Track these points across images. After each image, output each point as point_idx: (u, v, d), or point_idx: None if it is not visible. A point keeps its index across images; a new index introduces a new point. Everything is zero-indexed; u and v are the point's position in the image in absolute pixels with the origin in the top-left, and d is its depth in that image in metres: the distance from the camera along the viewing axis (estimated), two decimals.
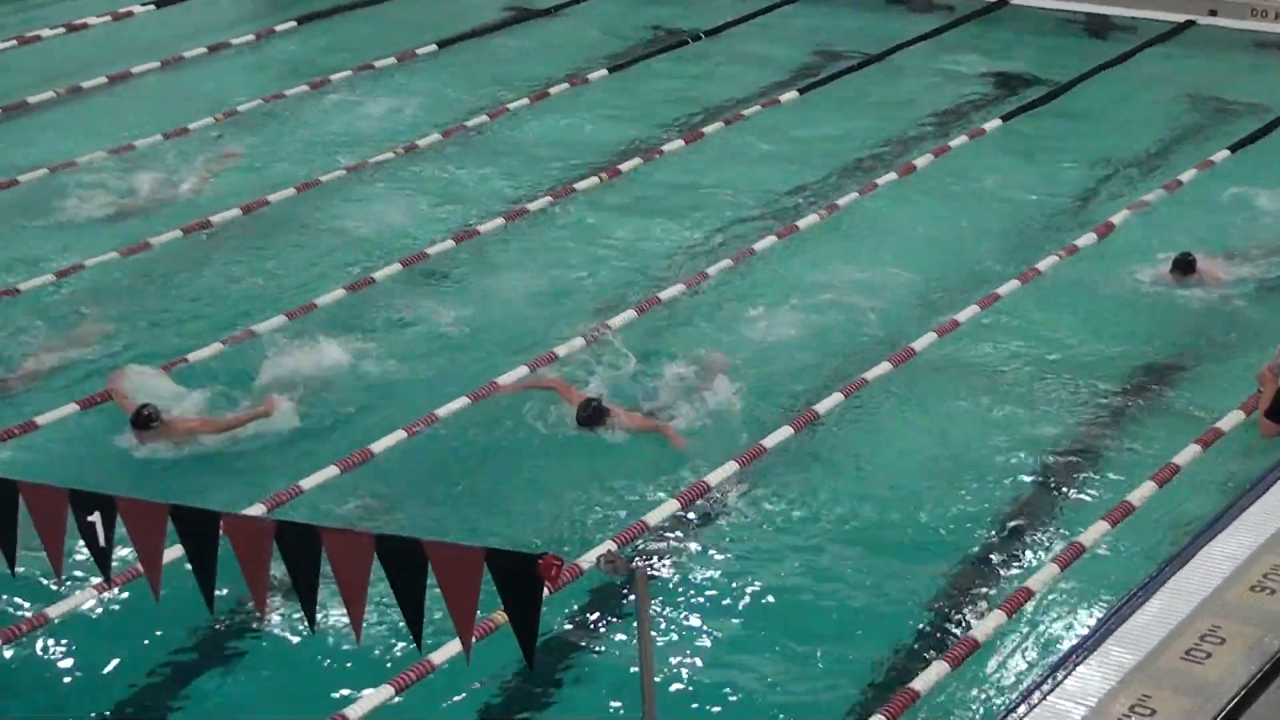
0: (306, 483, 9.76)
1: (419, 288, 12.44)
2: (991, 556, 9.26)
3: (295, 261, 12.99)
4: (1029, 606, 8.63)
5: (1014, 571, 9.07)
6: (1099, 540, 9.13)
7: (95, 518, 6.29)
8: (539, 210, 13.67)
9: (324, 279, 12.59)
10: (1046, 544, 9.31)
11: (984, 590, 8.93)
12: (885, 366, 10.93)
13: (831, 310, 11.87)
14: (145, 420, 10.19)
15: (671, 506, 9.51)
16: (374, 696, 7.87)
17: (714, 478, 9.82)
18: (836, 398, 10.63)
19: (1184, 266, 11.95)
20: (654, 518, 9.37)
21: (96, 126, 15.47)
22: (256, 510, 9.23)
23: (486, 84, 16.38)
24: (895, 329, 11.60)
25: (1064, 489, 9.86)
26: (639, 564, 5.68)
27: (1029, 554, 9.25)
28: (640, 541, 9.17)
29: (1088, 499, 9.74)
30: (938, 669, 8.09)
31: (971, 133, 14.93)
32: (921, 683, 7.98)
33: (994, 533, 9.44)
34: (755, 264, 12.64)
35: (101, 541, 6.27)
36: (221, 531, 6.08)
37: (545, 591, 5.50)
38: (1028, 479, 9.94)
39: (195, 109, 15.55)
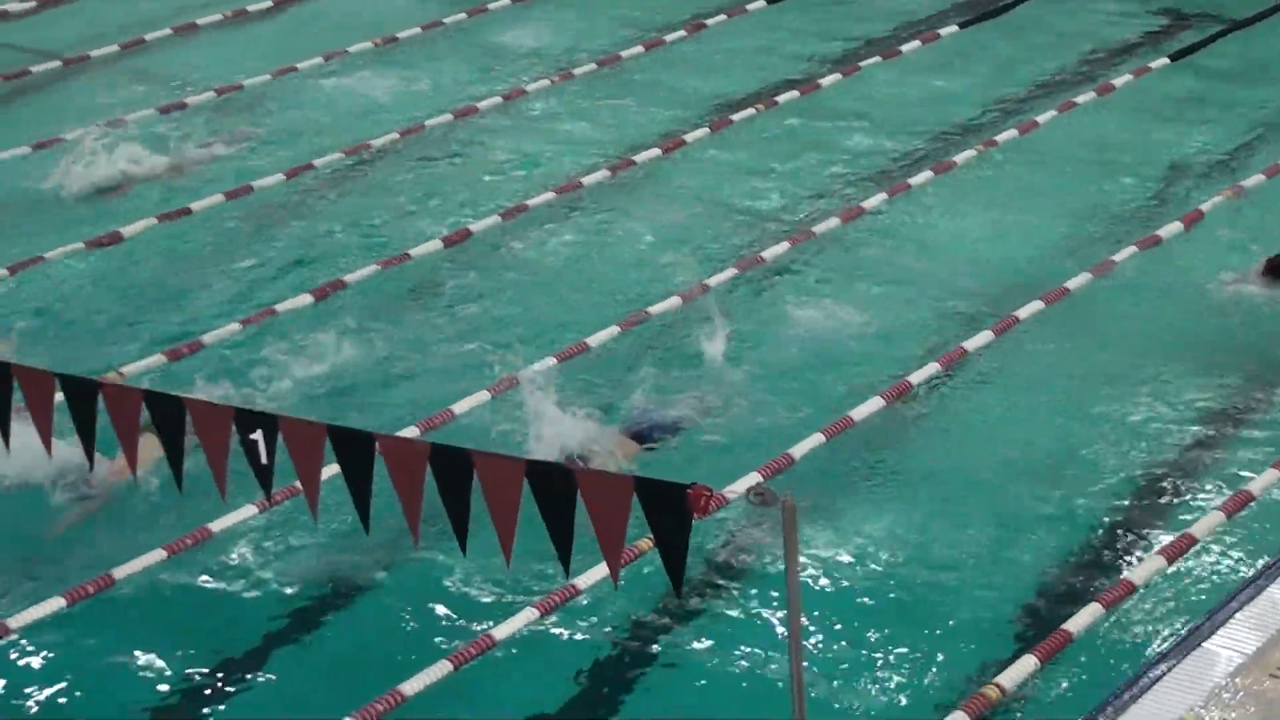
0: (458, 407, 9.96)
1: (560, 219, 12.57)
2: (1141, 504, 9.18)
3: (454, 184, 13.14)
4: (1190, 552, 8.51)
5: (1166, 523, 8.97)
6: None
7: (257, 435, 6.46)
8: (695, 141, 13.72)
9: (476, 205, 12.77)
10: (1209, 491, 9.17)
11: (1140, 536, 8.86)
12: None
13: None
14: None
15: (817, 439, 9.53)
16: (520, 619, 8.01)
17: (859, 412, 9.82)
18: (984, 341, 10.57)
19: None
20: (799, 451, 9.40)
21: (259, 50, 15.77)
22: (410, 433, 9.41)
23: (640, 14, 16.42)
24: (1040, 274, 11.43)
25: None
26: (789, 497, 5.67)
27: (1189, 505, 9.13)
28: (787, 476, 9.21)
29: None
30: (1092, 610, 8.02)
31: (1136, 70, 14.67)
32: (1075, 625, 7.93)
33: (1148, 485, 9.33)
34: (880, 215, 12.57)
35: (263, 459, 6.44)
36: (377, 452, 6.21)
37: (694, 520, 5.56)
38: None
39: (355, 35, 15.74)
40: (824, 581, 8.58)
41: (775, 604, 8.31)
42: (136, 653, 8.14)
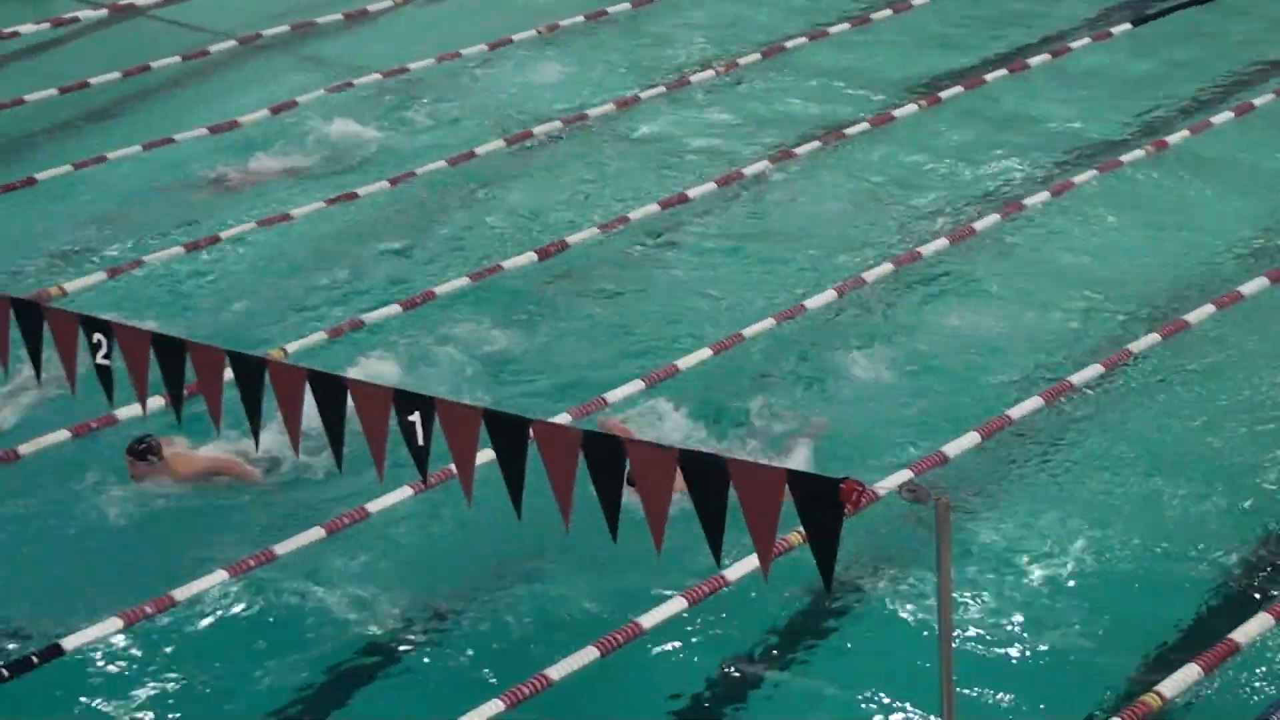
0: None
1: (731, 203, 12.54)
2: None
3: (613, 172, 13.22)
4: None
5: None
6: None
7: (415, 418, 6.53)
8: (855, 135, 13.62)
9: (635, 194, 12.81)
10: None
11: None
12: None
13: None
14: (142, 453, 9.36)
15: (972, 438, 9.42)
16: (668, 608, 8.02)
17: (1016, 411, 9.68)
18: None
19: None
20: (953, 449, 9.30)
21: (425, 35, 15.96)
22: (563, 419, 9.47)
23: (805, 4, 16.34)
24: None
25: None
26: (943, 494, 5.60)
27: None
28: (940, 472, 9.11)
29: None
30: (1261, 621, 7.83)
31: None
32: (1242, 635, 7.74)
33: None
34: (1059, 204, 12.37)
35: (420, 441, 6.51)
36: (531, 437, 6.26)
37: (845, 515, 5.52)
38: None
39: (520, 22, 15.86)
40: (976, 580, 8.48)
41: (925, 602, 8.23)
42: (306, 618, 8.39)
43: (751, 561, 7.80)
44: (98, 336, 7.28)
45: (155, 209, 12.90)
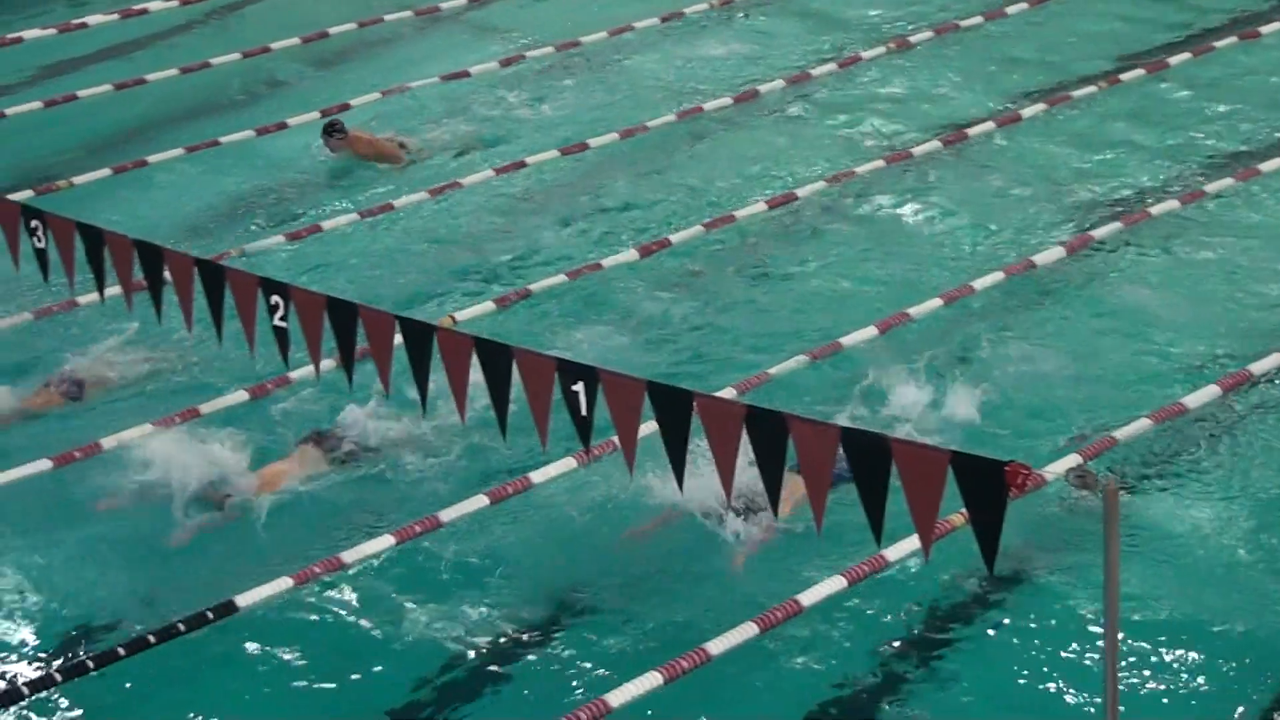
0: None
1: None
2: None
3: (782, 148, 13.23)
4: None
5: None
6: None
7: (579, 388, 6.58)
8: (1031, 116, 13.42)
9: (803, 170, 12.76)
10: None
11: None
12: None
13: None
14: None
15: (1144, 425, 9.24)
16: (826, 586, 8.00)
17: (1192, 400, 9.48)
18: None
19: None
20: (1125, 433, 9.13)
21: (598, 9, 16.03)
22: (727, 393, 9.47)
23: None
24: None
25: None
26: (1112, 480, 5.49)
27: None
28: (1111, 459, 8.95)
29: None
30: None
31: None
32: None
33: None
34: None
35: (583, 411, 6.56)
36: (694, 410, 6.27)
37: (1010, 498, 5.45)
38: None
39: None
40: (1144, 569, 8.32)
41: (1091, 590, 8.10)
42: (479, 578, 8.50)
43: (912, 542, 7.73)
44: (275, 298, 7.46)
45: (330, 175, 13.14)
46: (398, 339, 7.14)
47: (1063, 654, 7.85)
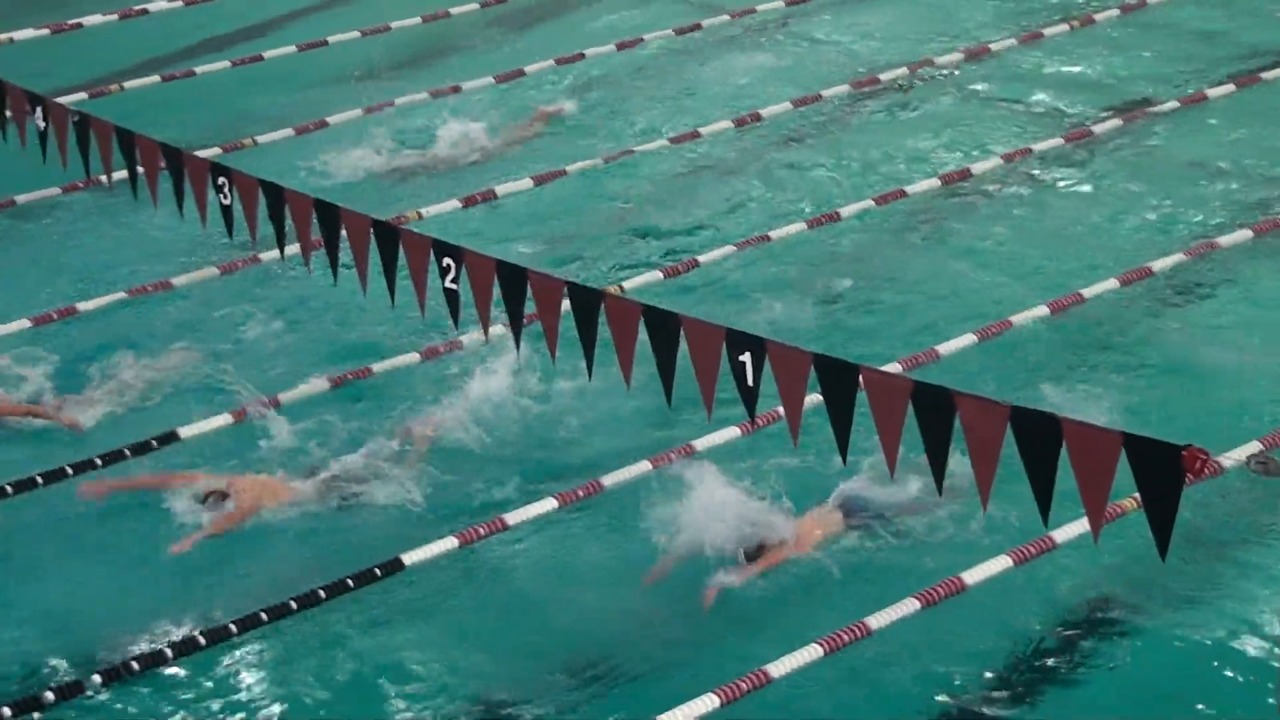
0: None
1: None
2: None
3: (956, 121, 13.01)
4: None
5: None
6: None
7: (745, 358, 6.57)
8: (1216, 97, 13.08)
9: (978, 146, 12.55)
10: None
11: None
12: None
13: None
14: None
15: None
16: (993, 565, 7.90)
17: None
18: None
19: None
20: None
21: None
22: (893, 369, 9.39)
23: None
24: None
25: None
26: None
27: None
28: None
29: None
30: None
31: None
32: None
33: None
34: None
35: (749, 381, 6.55)
36: (860, 384, 6.23)
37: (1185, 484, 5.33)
38: None
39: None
40: None
41: (1267, 582, 7.88)
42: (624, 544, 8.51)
43: (1083, 524, 7.59)
44: (447, 261, 7.55)
45: (506, 140, 13.24)
46: (565, 304, 7.19)
47: (1232, 646, 7.66)
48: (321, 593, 7.91)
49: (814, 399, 6.30)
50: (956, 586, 7.78)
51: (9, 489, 8.68)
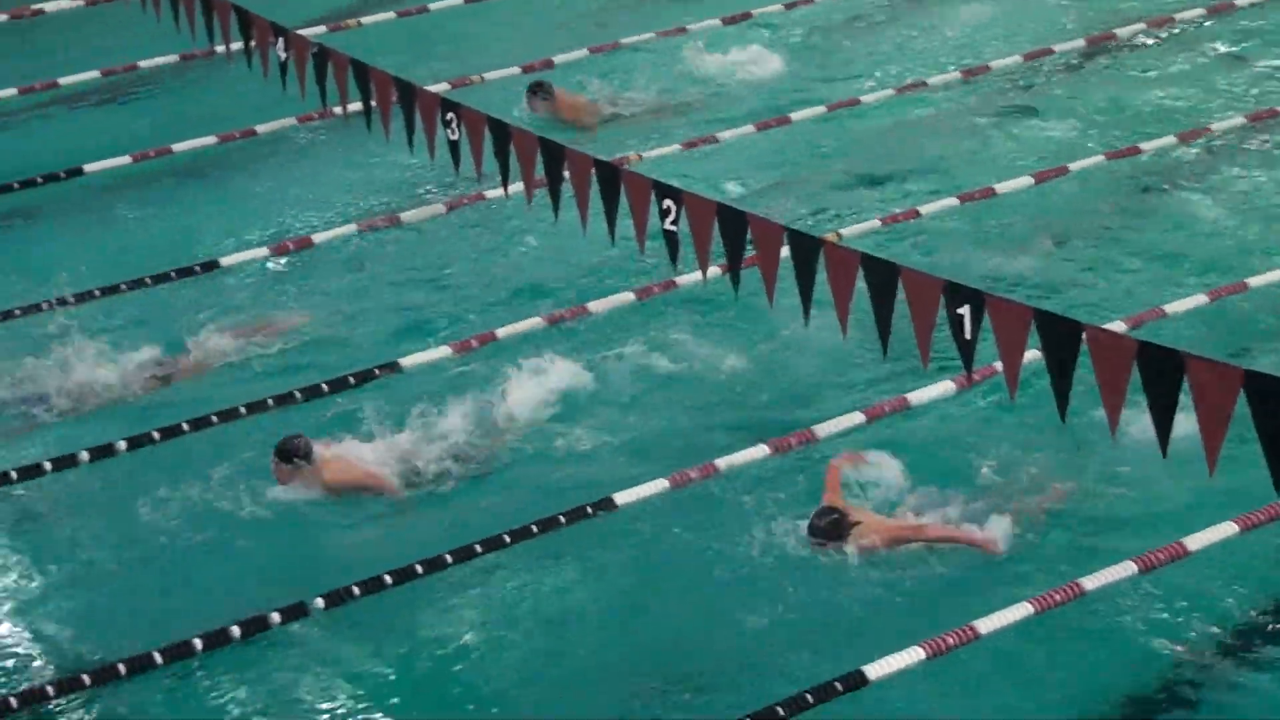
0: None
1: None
2: None
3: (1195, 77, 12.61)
4: None
5: None
6: None
7: (964, 310, 6.49)
8: None
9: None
10: None
11: None
12: None
13: None
14: None
15: None
16: (1219, 531, 7.67)
17: None
18: None
19: None
20: None
21: None
22: (1117, 328, 9.16)
23: None
24: None
25: None
26: None
27: None
28: None
29: None
30: None
31: None
32: None
33: None
34: None
35: (967, 334, 6.47)
36: (1084, 342, 6.11)
37: None
38: None
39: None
40: None
41: None
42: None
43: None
44: (667, 203, 7.59)
45: (735, 84, 13.18)
46: (785, 251, 7.18)
47: None
48: (534, 527, 8.05)
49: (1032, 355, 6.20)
50: (1178, 551, 7.58)
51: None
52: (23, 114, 12.84)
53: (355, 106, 9.40)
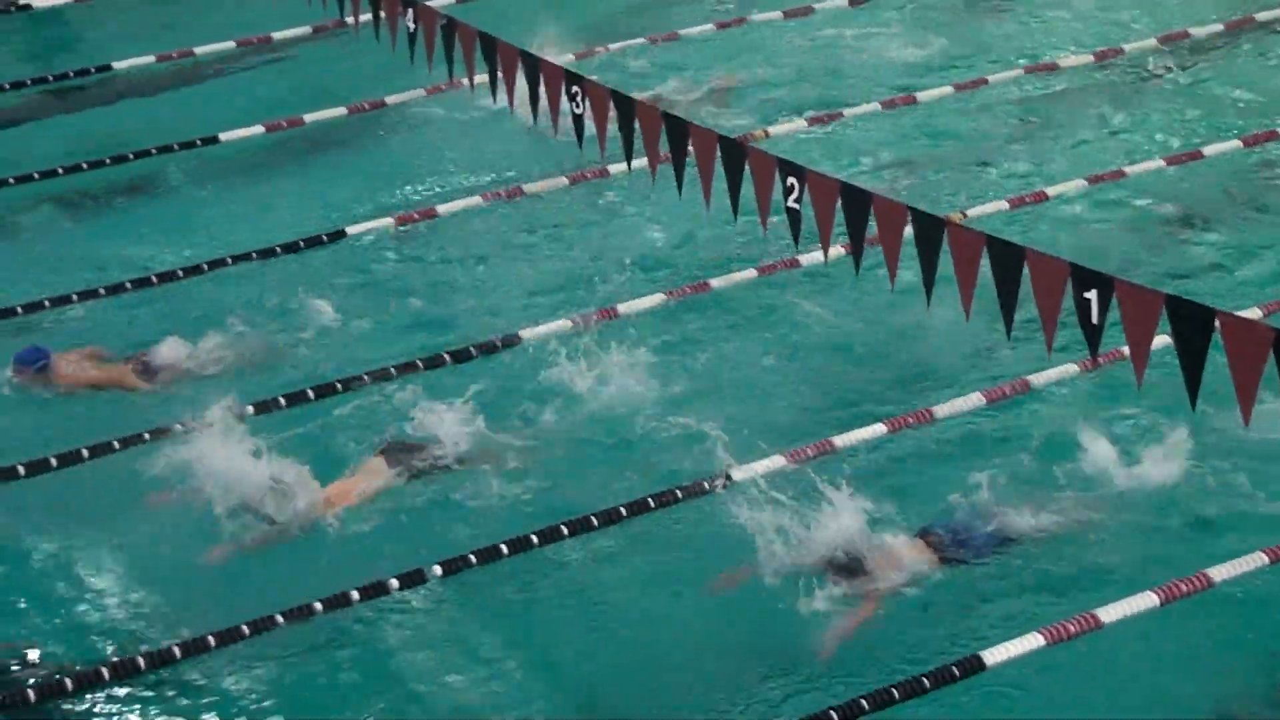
0: None
1: None
2: None
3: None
4: None
5: None
6: None
7: (1091, 295, 6.41)
8: None
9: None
10: None
11: None
12: None
13: None
14: None
15: None
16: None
17: None
18: None
19: None
20: None
21: None
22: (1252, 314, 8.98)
23: None
24: None
25: None
26: None
27: None
28: None
29: None
30: None
31: None
32: None
33: None
34: None
35: (1094, 319, 6.38)
36: (1216, 329, 6.01)
37: None
38: None
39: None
40: None
41: None
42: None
43: None
44: (791, 180, 7.56)
45: (850, 64, 13.09)
46: (908, 230, 7.12)
47: None
48: (650, 500, 8.07)
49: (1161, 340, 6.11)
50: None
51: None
52: (161, 82, 13.06)
53: (482, 78, 9.45)
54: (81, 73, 12.95)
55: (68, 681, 7.05)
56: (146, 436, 8.50)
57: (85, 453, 8.40)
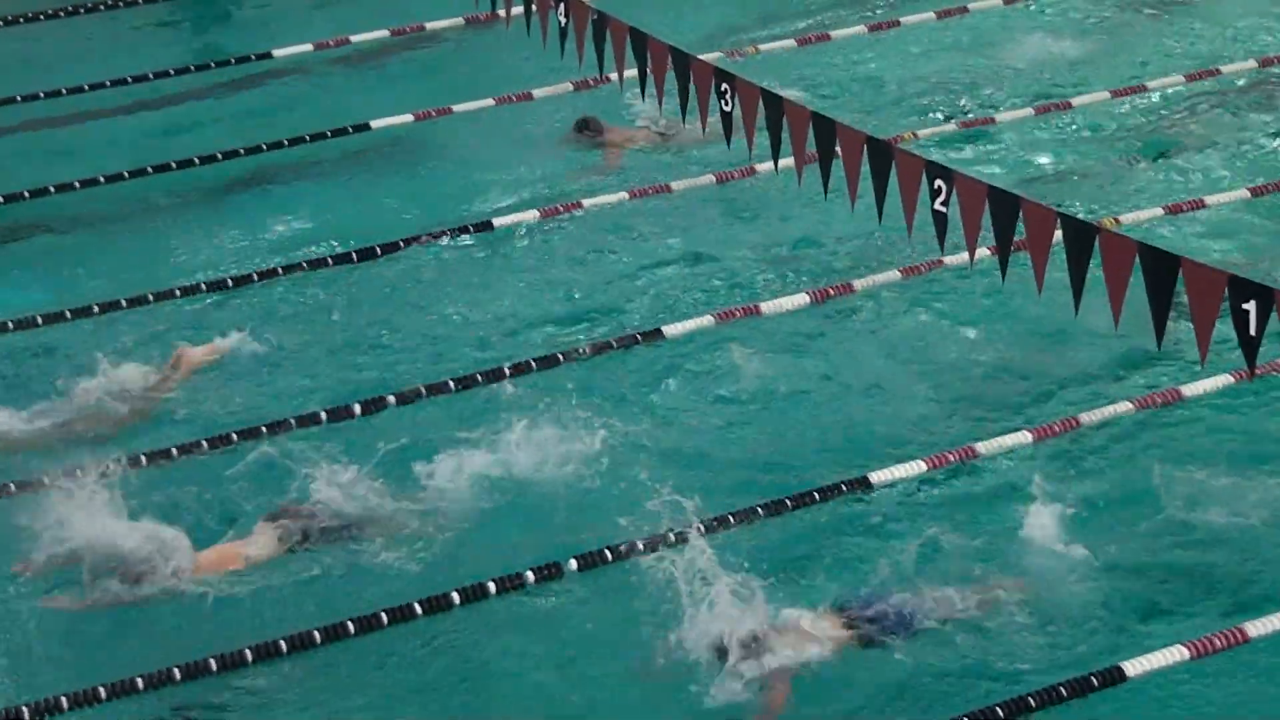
0: None
1: None
2: None
3: None
4: None
5: None
6: None
7: (1250, 306, 6.25)
8: None
9: None
10: None
11: None
12: None
13: None
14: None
15: None
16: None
17: None
18: None
19: None
20: None
21: None
22: None
23: None
24: None
25: None
26: None
27: None
28: None
29: None
30: None
31: None
32: None
33: None
34: None
35: (1252, 330, 6.22)
36: None
37: None
38: None
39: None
40: None
41: None
42: None
43: None
44: (938, 183, 7.46)
45: (1012, 60, 12.90)
46: (1057, 235, 7.00)
47: None
48: (788, 501, 8.02)
49: None
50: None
51: None
52: (317, 69, 13.25)
53: (631, 73, 9.45)
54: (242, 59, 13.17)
55: None
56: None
57: None
